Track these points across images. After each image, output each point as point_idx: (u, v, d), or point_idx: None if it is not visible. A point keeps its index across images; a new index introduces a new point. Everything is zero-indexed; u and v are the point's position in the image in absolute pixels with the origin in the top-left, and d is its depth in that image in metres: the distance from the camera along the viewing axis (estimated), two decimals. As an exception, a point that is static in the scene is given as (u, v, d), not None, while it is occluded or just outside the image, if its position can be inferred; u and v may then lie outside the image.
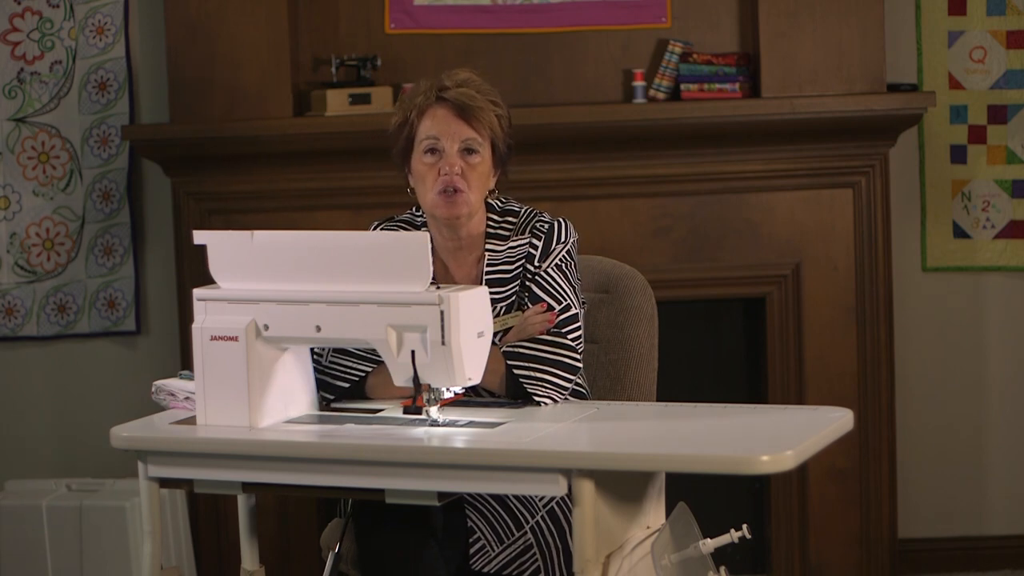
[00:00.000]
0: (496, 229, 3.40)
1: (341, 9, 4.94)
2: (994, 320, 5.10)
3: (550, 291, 3.34)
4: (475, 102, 3.31)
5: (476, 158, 3.32)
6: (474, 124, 3.31)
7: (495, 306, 3.32)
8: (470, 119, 3.31)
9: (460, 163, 3.31)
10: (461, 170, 3.31)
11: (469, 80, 3.35)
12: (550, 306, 3.30)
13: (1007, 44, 4.99)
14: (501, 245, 3.39)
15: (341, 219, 4.81)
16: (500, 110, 3.36)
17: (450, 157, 3.31)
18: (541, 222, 3.39)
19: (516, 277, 3.38)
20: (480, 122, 3.32)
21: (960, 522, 5.13)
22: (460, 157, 3.31)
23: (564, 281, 3.35)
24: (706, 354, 5.08)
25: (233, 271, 3.15)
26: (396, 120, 3.39)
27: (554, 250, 3.36)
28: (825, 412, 3.12)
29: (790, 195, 4.85)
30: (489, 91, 3.37)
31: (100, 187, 5.04)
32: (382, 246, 3.08)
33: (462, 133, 3.31)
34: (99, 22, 5.01)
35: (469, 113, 3.31)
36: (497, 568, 3.31)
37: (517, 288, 3.38)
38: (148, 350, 5.11)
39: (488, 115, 3.33)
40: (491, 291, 3.29)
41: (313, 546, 4.55)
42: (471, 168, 3.32)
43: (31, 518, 4.77)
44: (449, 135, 3.31)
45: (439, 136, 3.31)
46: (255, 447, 3.05)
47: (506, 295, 3.38)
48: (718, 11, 4.92)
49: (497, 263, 3.38)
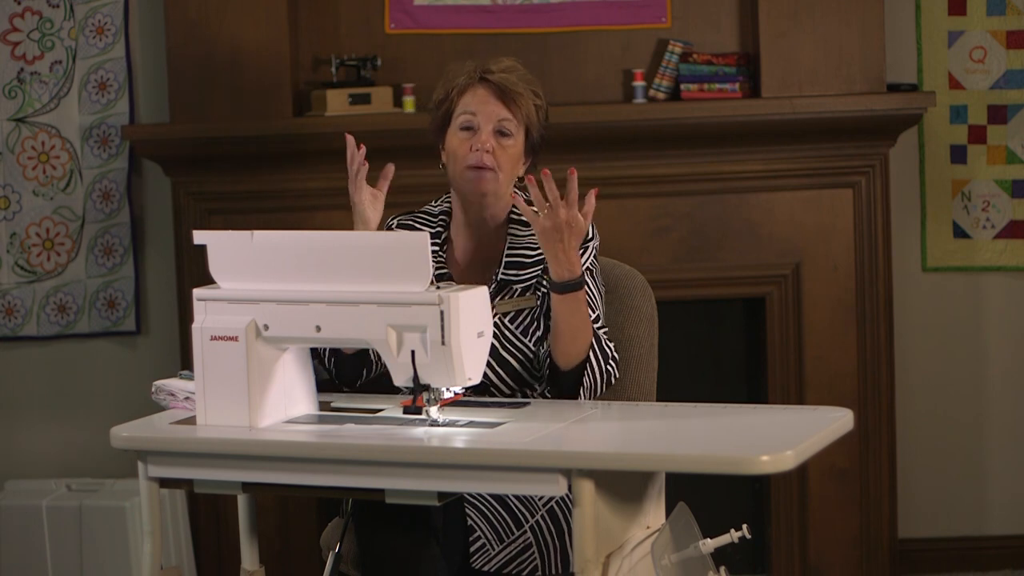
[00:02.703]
0: (520, 216, 3.46)
1: (341, 9, 4.94)
2: (994, 320, 5.10)
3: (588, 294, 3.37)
4: (516, 87, 3.39)
5: (509, 140, 3.39)
6: (511, 107, 3.39)
7: (511, 287, 3.41)
8: (508, 102, 3.38)
9: (492, 142, 3.38)
10: (492, 148, 3.37)
11: (513, 67, 3.44)
12: None
13: (1007, 44, 4.99)
14: (524, 230, 3.45)
15: (341, 219, 4.80)
16: (539, 100, 3.44)
17: (483, 135, 3.38)
18: None
19: (537, 263, 3.42)
20: (518, 106, 3.39)
21: (960, 522, 5.13)
22: (493, 137, 3.38)
23: (595, 287, 3.41)
24: (706, 354, 5.09)
25: (233, 271, 3.15)
26: (437, 96, 3.47)
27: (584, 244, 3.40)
28: (825, 412, 3.12)
29: (790, 195, 4.85)
30: (531, 80, 3.45)
31: (100, 187, 5.04)
32: (382, 246, 3.08)
33: (499, 114, 3.38)
34: (99, 22, 5.01)
35: (508, 96, 3.38)
36: (497, 567, 3.31)
37: (539, 273, 3.42)
38: (148, 350, 5.11)
39: (527, 102, 3.40)
40: (509, 272, 3.40)
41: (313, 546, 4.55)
42: (502, 149, 3.39)
43: (31, 518, 4.77)
44: (486, 114, 3.38)
45: (476, 113, 3.39)
46: (255, 447, 3.05)
47: (523, 278, 3.42)
48: (718, 11, 4.92)
49: (518, 247, 3.44)
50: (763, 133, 4.79)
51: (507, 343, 3.39)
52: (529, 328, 3.41)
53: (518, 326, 3.40)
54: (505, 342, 3.39)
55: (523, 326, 3.41)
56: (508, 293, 3.41)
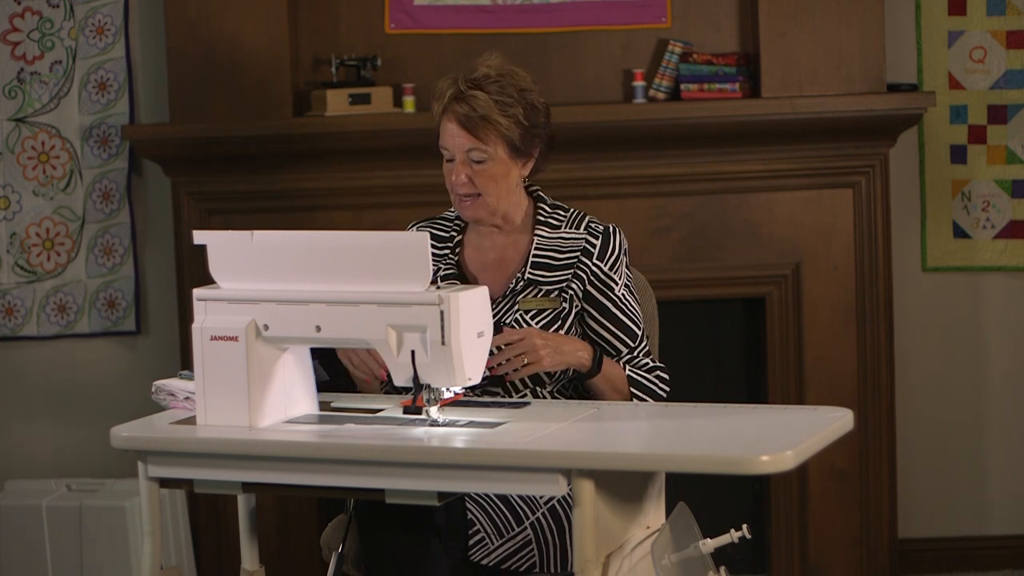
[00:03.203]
0: (547, 218, 3.51)
1: (341, 9, 4.94)
2: (994, 320, 5.10)
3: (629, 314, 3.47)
4: (479, 111, 3.37)
5: (482, 165, 3.41)
6: (480, 135, 3.39)
7: (535, 288, 3.44)
8: (474, 131, 3.38)
9: (467, 171, 3.41)
10: (468, 178, 3.41)
11: (485, 79, 3.40)
12: (619, 340, 3.48)
13: (1007, 44, 4.99)
14: (551, 233, 3.49)
15: (341, 219, 4.81)
16: (515, 108, 3.39)
17: (457, 166, 3.42)
18: (595, 222, 3.51)
19: (566, 266, 3.46)
20: (484, 132, 3.38)
21: (960, 522, 5.13)
22: (467, 166, 3.41)
23: (634, 301, 3.49)
24: (706, 354, 5.09)
25: (233, 271, 3.15)
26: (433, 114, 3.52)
27: (613, 256, 3.46)
28: (825, 412, 3.12)
29: (790, 195, 4.85)
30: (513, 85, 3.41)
31: (100, 187, 5.04)
32: (382, 246, 3.08)
33: (466, 145, 3.40)
34: (99, 22, 5.01)
35: (473, 126, 3.38)
36: (495, 561, 3.32)
37: (569, 277, 3.45)
38: (148, 350, 5.11)
39: (494, 123, 3.38)
40: (535, 273, 3.44)
41: (313, 546, 4.55)
42: (480, 173, 3.41)
43: (31, 518, 4.77)
44: (455, 147, 3.41)
45: (447, 147, 3.43)
46: (255, 447, 3.05)
47: (550, 280, 3.45)
48: (718, 11, 4.92)
49: (546, 248, 3.48)
50: (763, 133, 4.79)
51: None
52: (550, 327, 3.42)
53: (538, 322, 3.42)
54: None
55: (544, 322, 3.42)
56: (534, 292, 3.43)
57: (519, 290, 3.44)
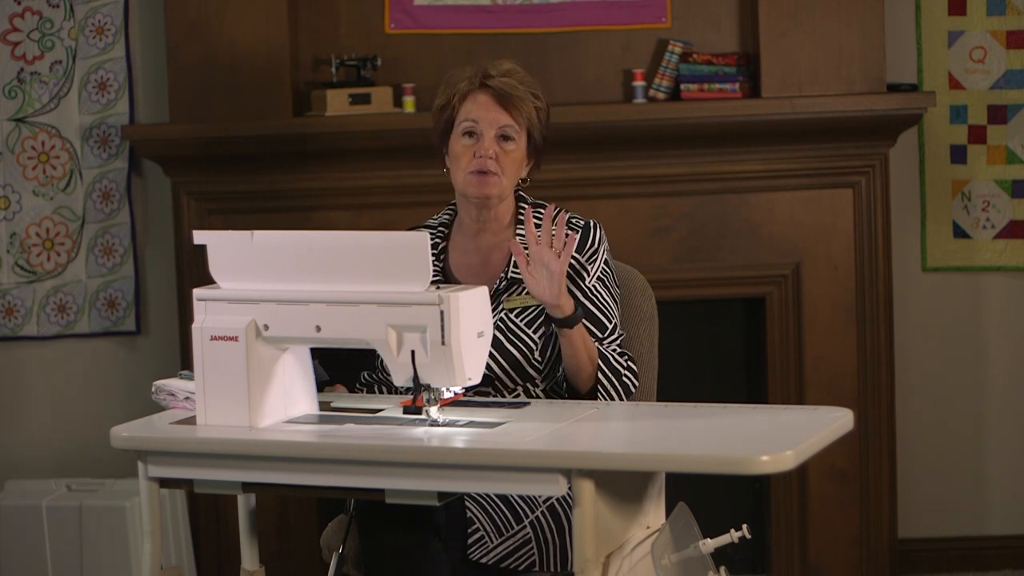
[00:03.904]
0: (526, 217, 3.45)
1: (341, 9, 4.94)
2: (994, 320, 5.10)
3: (600, 306, 3.44)
4: (516, 91, 3.43)
5: (511, 145, 3.43)
6: (512, 112, 3.42)
7: (519, 286, 3.44)
8: (509, 107, 3.42)
9: (495, 148, 3.41)
10: (495, 154, 3.41)
11: (513, 71, 3.47)
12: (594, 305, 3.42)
13: (1007, 44, 4.99)
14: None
15: (341, 219, 4.81)
16: (539, 103, 3.47)
17: (486, 141, 3.42)
18: (575, 218, 3.50)
19: None
20: (519, 111, 3.42)
21: (960, 522, 5.13)
22: (496, 142, 3.42)
23: (608, 295, 3.46)
24: (706, 354, 5.08)
25: (233, 271, 3.15)
26: (439, 102, 3.51)
27: (591, 249, 3.46)
28: (825, 412, 3.12)
29: (790, 195, 4.85)
30: (531, 83, 3.48)
31: (100, 187, 5.04)
32: (382, 246, 3.08)
33: (500, 120, 3.42)
34: (99, 22, 5.01)
35: (509, 101, 3.42)
36: (495, 560, 3.32)
37: None
38: (148, 350, 5.11)
39: (527, 106, 3.43)
40: (518, 272, 3.43)
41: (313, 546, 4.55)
42: (505, 154, 3.42)
43: (31, 518, 4.77)
44: (488, 120, 3.42)
45: (478, 120, 3.43)
46: (255, 447, 3.05)
47: None
48: (718, 11, 4.92)
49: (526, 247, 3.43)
50: (763, 133, 4.79)
51: (511, 335, 3.42)
52: (534, 322, 3.43)
53: (523, 319, 3.43)
54: (509, 334, 3.41)
55: (528, 319, 3.44)
56: (518, 290, 3.43)
57: (503, 290, 3.45)
